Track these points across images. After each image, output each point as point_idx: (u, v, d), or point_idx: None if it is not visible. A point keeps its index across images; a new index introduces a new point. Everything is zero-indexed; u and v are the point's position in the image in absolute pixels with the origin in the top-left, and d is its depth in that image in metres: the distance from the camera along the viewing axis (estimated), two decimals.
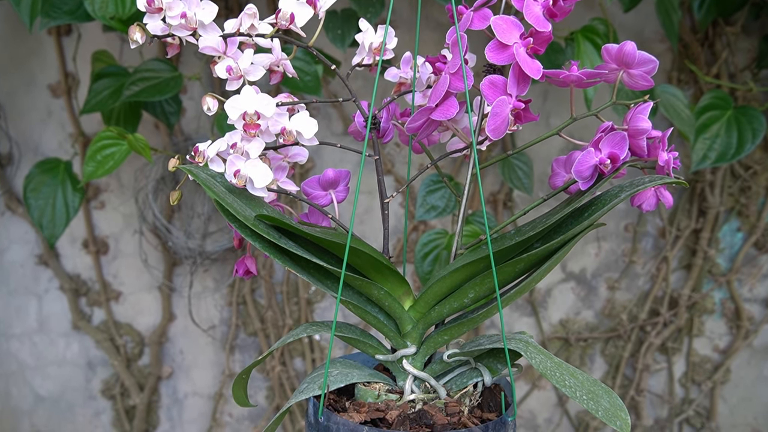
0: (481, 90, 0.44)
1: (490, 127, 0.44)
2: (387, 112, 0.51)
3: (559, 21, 0.47)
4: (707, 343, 1.40)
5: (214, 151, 0.45)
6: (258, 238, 0.43)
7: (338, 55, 1.24)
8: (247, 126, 0.44)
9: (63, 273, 1.41)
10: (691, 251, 1.36)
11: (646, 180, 0.42)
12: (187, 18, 0.43)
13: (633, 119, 0.45)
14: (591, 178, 0.45)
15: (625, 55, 0.45)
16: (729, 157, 1.01)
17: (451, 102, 0.46)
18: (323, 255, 0.47)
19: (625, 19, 1.25)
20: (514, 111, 0.44)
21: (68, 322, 1.43)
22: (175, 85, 0.94)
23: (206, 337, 1.44)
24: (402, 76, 0.54)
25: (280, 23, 0.44)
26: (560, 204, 0.48)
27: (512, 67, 0.44)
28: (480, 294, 0.45)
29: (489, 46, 0.45)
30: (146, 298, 1.43)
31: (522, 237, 0.46)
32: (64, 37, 1.33)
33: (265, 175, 0.45)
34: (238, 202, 0.44)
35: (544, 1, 0.46)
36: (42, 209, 1.06)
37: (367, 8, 1.09)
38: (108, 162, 0.81)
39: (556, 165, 0.52)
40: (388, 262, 0.46)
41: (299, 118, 0.46)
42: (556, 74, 0.45)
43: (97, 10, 0.76)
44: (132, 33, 0.42)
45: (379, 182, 0.49)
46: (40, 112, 1.37)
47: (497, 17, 0.45)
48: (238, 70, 0.45)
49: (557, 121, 1.31)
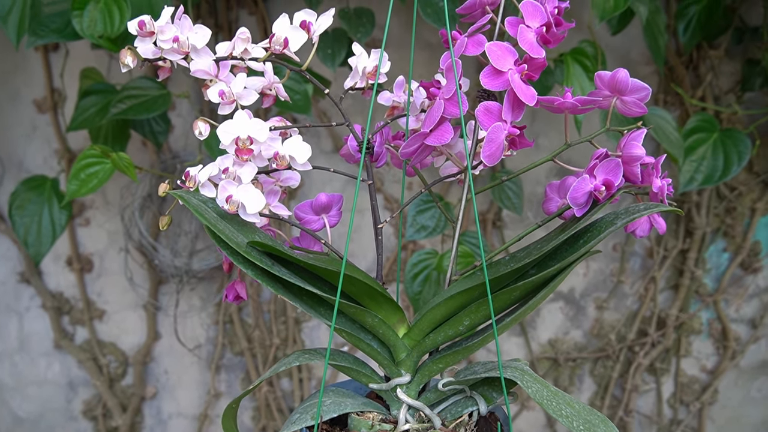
0: (476, 116, 0.44)
1: (485, 153, 0.44)
2: (380, 137, 0.51)
3: (552, 47, 0.47)
4: (695, 363, 1.41)
5: (205, 175, 0.45)
6: (250, 265, 0.42)
7: (328, 75, 1.24)
8: (240, 151, 0.43)
9: (45, 291, 1.38)
10: (678, 271, 1.37)
11: (641, 207, 0.42)
12: (180, 42, 0.42)
13: (627, 146, 0.45)
14: (586, 205, 0.45)
15: (618, 82, 0.45)
16: (715, 179, 1.02)
17: (445, 127, 0.46)
18: (316, 282, 0.46)
19: (613, 41, 1.26)
20: (509, 137, 0.44)
21: (50, 341, 1.40)
22: (163, 103, 0.94)
23: (192, 357, 1.42)
24: (395, 99, 0.53)
25: (274, 47, 0.44)
26: (555, 230, 0.48)
27: (507, 93, 0.44)
28: (475, 321, 0.45)
29: (484, 72, 0.45)
30: (131, 316, 1.41)
31: (517, 264, 0.45)
32: (51, 53, 1.32)
33: (257, 200, 0.44)
34: (229, 228, 0.43)
35: (538, 28, 0.46)
36: (27, 227, 1.05)
37: (358, 28, 1.09)
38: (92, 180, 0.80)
39: (549, 190, 0.52)
40: (383, 289, 0.45)
41: (292, 143, 0.46)
42: (550, 101, 0.45)
43: (86, 28, 0.75)
44: (123, 57, 0.41)
45: (373, 207, 0.49)
46: (24, 127, 1.35)
47: (492, 43, 0.45)
48: (230, 94, 0.44)
49: (546, 141, 1.32)
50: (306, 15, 0.47)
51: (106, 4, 0.77)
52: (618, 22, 1.05)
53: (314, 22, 0.47)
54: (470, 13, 0.50)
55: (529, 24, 0.46)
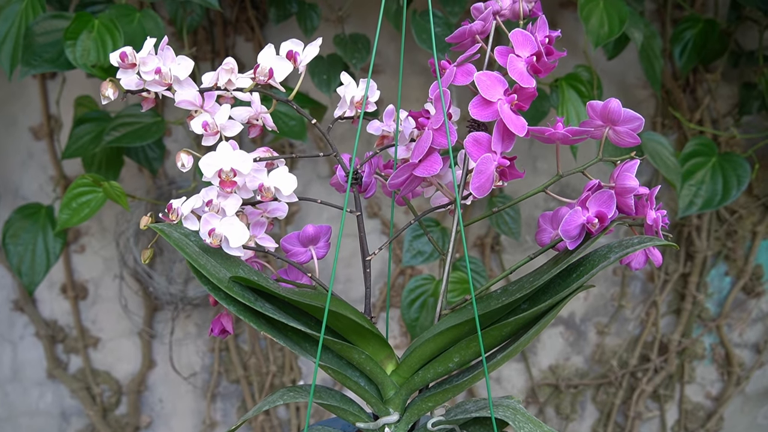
0: (465, 147, 0.43)
1: (474, 185, 0.43)
2: (369, 167, 0.50)
3: (543, 77, 0.47)
4: (699, 389, 1.38)
5: (188, 208, 0.44)
6: (232, 301, 0.41)
7: (324, 99, 1.24)
8: (224, 183, 0.42)
9: (39, 319, 1.37)
10: (680, 296, 1.35)
11: (635, 241, 0.41)
12: (162, 74, 0.41)
13: (620, 177, 0.44)
14: (578, 237, 0.44)
15: (610, 112, 0.44)
16: (715, 204, 1.01)
17: (434, 158, 0.45)
18: (301, 317, 0.45)
19: (609, 66, 1.26)
20: (499, 168, 0.43)
21: (43, 370, 1.38)
22: (158, 130, 0.93)
23: (187, 385, 1.40)
24: (385, 129, 0.52)
25: (259, 78, 0.43)
26: (547, 262, 0.47)
27: (496, 124, 0.43)
28: (465, 358, 0.43)
29: (473, 102, 0.44)
30: (125, 344, 1.39)
31: (509, 298, 0.44)
32: (48, 80, 1.32)
33: (241, 234, 0.43)
34: (212, 263, 0.42)
35: (528, 57, 0.46)
36: (21, 256, 1.03)
37: (353, 54, 1.09)
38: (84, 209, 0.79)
39: (542, 221, 0.50)
40: (371, 324, 0.44)
41: (278, 174, 0.45)
42: (541, 131, 0.44)
43: (79, 58, 0.75)
44: (104, 89, 0.41)
45: (361, 239, 0.48)
46: (20, 154, 1.35)
47: (481, 73, 0.44)
48: (214, 125, 0.43)
49: (544, 165, 1.31)
50: (292, 45, 0.46)
51: (99, 33, 0.77)
52: (614, 46, 1.05)
53: (301, 52, 0.46)
54: (460, 41, 0.49)
55: (519, 53, 0.46)
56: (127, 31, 0.78)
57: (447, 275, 0.46)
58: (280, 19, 1.10)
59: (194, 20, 1.06)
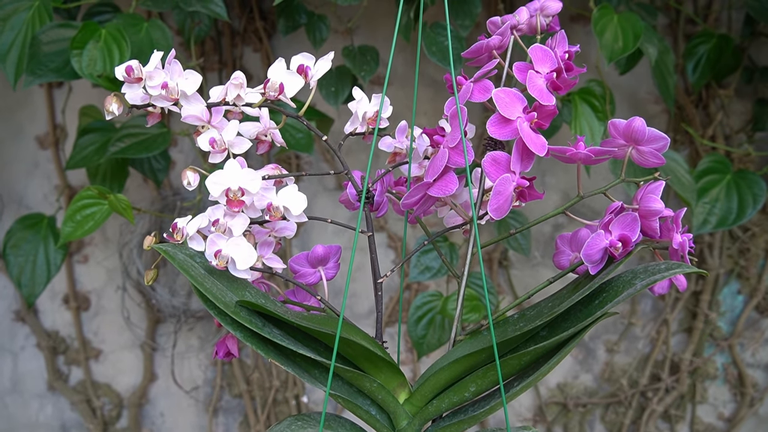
0: (483, 167, 0.41)
1: (492, 206, 0.41)
2: (381, 185, 0.48)
3: (563, 94, 0.45)
4: (711, 410, 1.35)
5: (194, 228, 0.42)
6: (239, 327, 0.39)
7: (331, 112, 1.23)
8: (231, 203, 0.40)
9: (41, 330, 1.35)
10: (691, 314, 1.33)
11: (662, 267, 0.39)
12: (169, 88, 0.40)
13: (644, 199, 0.42)
14: (601, 262, 0.42)
15: (634, 131, 0.42)
16: (730, 222, 0.99)
17: (449, 178, 0.43)
18: (310, 342, 0.43)
19: (620, 80, 1.25)
20: (518, 189, 0.42)
21: (44, 382, 1.37)
22: (163, 141, 0.92)
23: (189, 399, 1.37)
24: (397, 146, 0.51)
25: (269, 94, 0.42)
26: (567, 287, 0.45)
27: (516, 142, 0.42)
28: (482, 388, 0.41)
29: (491, 120, 0.42)
30: (127, 356, 1.37)
31: (527, 324, 0.42)
32: (55, 89, 1.31)
33: (248, 255, 0.41)
34: (218, 286, 0.40)
35: (548, 73, 0.44)
36: (22, 267, 1.02)
37: (362, 66, 1.08)
38: (88, 222, 0.77)
39: (560, 242, 0.48)
40: (383, 351, 0.42)
41: (287, 193, 0.43)
42: (562, 151, 0.42)
43: (85, 68, 0.74)
44: (108, 104, 0.39)
45: (372, 261, 0.46)
46: (26, 163, 1.34)
47: (499, 90, 0.42)
48: (222, 142, 0.42)
49: (553, 180, 1.29)
50: (304, 59, 0.45)
51: (106, 43, 0.76)
52: (626, 61, 1.03)
53: (312, 66, 0.45)
54: (476, 56, 0.48)
55: (539, 69, 0.44)
56: (135, 41, 0.77)
57: (461, 299, 0.44)
58: (289, 30, 1.09)
59: (202, 30, 1.05)
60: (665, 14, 1.26)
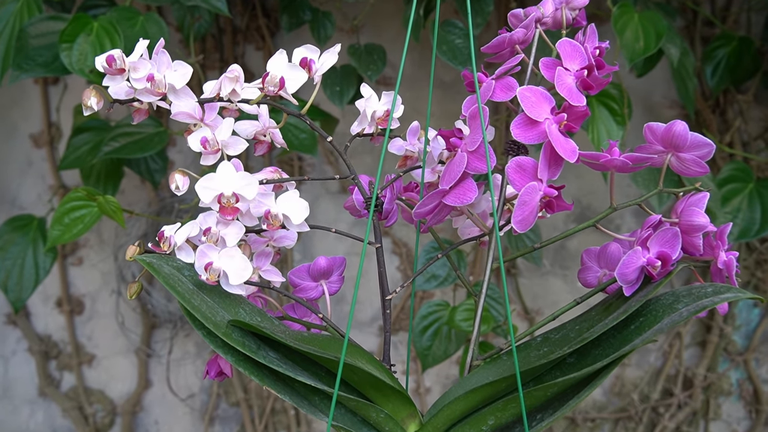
0: (507, 174, 0.37)
1: (517, 217, 0.36)
2: (390, 191, 0.44)
3: (594, 94, 0.40)
4: (725, 427, 1.30)
5: (183, 236, 0.37)
6: (230, 350, 0.35)
7: (336, 112, 1.18)
8: (224, 210, 0.36)
9: (33, 333, 1.31)
10: (705, 327, 1.28)
11: (709, 291, 0.34)
12: (155, 81, 0.35)
13: (686, 213, 0.38)
14: (636, 282, 0.37)
15: (674, 136, 0.38)
16: (753, 234, 0.94)
17: (468, 185, 0.39)
18: (310, 365, 0.39)
19: (636, 84, 1.20)
20: (545, 198, 0.37)
21: (35, 387, 1.32)
22: (160, 141, 0.88)
23: (184, 407, 1.33)
24: (408, 148, 0.46)
25: (268, 89, 0.37)
26: (596, 307, 0.41)
27: (543, 147, 0.37)
28: (502, 421, 0.37)
29: (516, 122, 0.38)
30: (121, 362, 1.33)
31: (553, 350, 0.38)
32: (50, 86, 1.28)
33: (242, 269, 0.37)
34: (208, 303, 0.36)
35: (578, 71, 0.40)
36: (9, 270, 0.98)
37: (368, 66, 1.03)
38: (76, 225, 0.73)
39: (587, 257, 0.44)
40: (392, 377, 0.38)
41: (287, 200, 0.39)
42: (594, 157, 0.38)
43: (75, 63, 0.70)
44: (86, 98, 0.35)
45: (381, 275, 0.42)
46: (20, 162, 1.30)
47: (525, 88, 0.38)
48: (215, 142, 0.37)
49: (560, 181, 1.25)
50: (307, 52, 0.41)
51: (98, 36, 0.71)
52: (644, 64, 0.99)
53: (317, 60, 0.41)
54: (498, 52, 0.43)
55: (568, 66, 0.40)
56: (129, 35, 0.73)
57: (479, 319, 0.40)
58: (293, 26, 1.04)
59: (202, 27, 1.01)
60: (682, 16, 1.21)
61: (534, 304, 1.29)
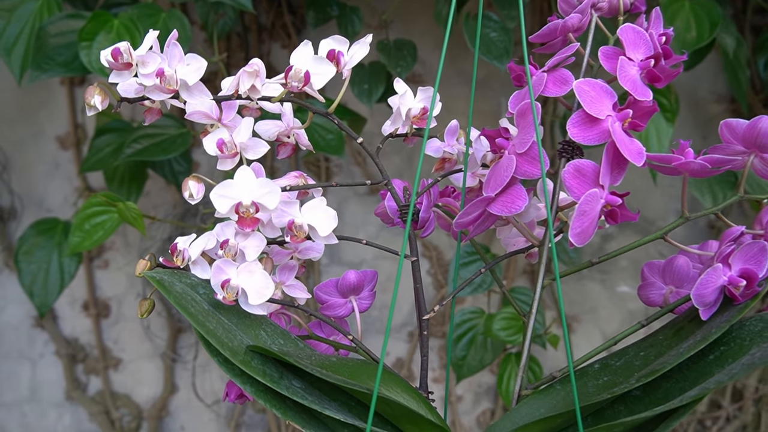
0: (564, 180, 0.32)
1: (575, 230, 0.32)
2: (427, 199, 0.39)
3: (661, 87, 0.35)
4: None
5: (197, 250, 0.34)
6: (249, 379, 0.31)
7: (364, 111, 1.14)
8: (243, 221, 0.32)
9: (60, 337, 1.30)
10: None
11: None
12: (165, 77, 0.32)
13: None
14: (715, 304, 0.32)
15: (760, 134, 0.33)
16: None
17: (516, 191, 0.34)
18: (339, 395, 0.35)
19: (679, 78, 1.14)
20: (607, 208, 0.32)
21: (62, 391, 1.31)
22: (183, 142, 0.85)
23: (210, 413, 1.31)
24: (446, 150, 0.42)
25: (291, 84, 0.33)
26: (663, 331, 0.36)
27: (606, 148, 0.32)
28: None
29: (573, 120, 0.33)
30: (147, 367, 1.31)
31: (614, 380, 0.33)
32: (76, 87, 1.26)
33: (263, 286, 0.33)
34: (225, 325, 0.32)
35: (643, 60, 0.35)
36: (34, 275, 0.96)
37: (398, 62, 0.99)
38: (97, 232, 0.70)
39: (648, 272, 0.39)
40: (430, 408, 0.33)
41: (313, 209, 0.34)
42: (665, 160, 0.33)
43: (94, 62, 0.67)
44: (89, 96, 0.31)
45: (417, 291, 0.37)
46: (47, 164, 1.29)
47: (583, 81, 0.33)
48: (233, 145, 0.34)
49: None
50: (335, 43, 0.36)
51: (118, 34, 0.69)
52: (692, 56, 0.92)
53: (345, 52, 0.36)
54: (548, 41, 0.38)
55: (631, 56, 0.35)
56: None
57: (528, 344, 0.35)
58: (319, 22, 1.01)
59: (227, 24, 0.98)
60: (730, 4, 1.14)
61: (570, 310, 1.23)
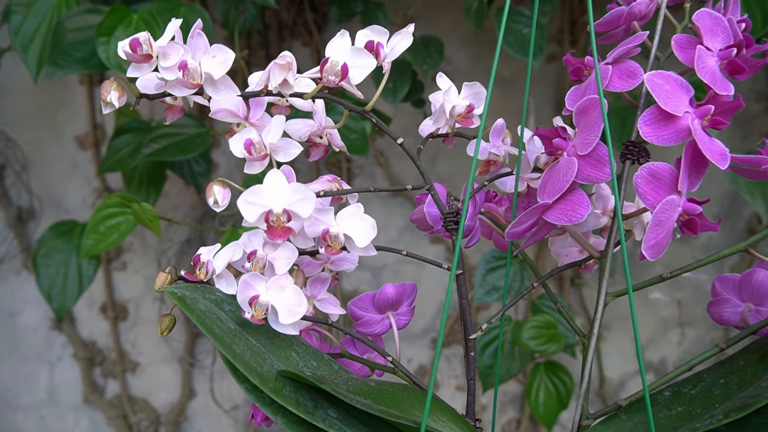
0: (636, 186, 0.28)
1: (649, 242, 0.28)
2: (473, 205, 0.36)
3: (743, 79, 0.31)
4: None
5: (223, 262, 0.30)
6: (281, 410, 0.27)
7: (388, 110, 1.11)
8: (273, 232, 0.29)
9: (78, 339, 1.29)
10: None
11: None
12: (189, 70, 0.28)
13: None
14: None
15: None
16: None
17: (578, 198, 0.30)
18: (379, 424, 0.31)
19: None
20: (685, 217, 0.28)
21: (79, 394, 1.30)
22: (202, 142, 0.82)
23: (228, 419, 1.28)
24: (492, 151, 0.38)
25: (328, 79, 0.30)
26: (744, 354, 0.32)
27: (685, 150, 0.29)
28: None
29: (645, 117, 0.29)
30: (165, 371, 1.29)
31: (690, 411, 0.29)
32: (96, 86, 1.25)
33: (295, 303, 0.29)
34: (253, 348, 0.29)
35: (723, 50, 0.31)
36: (52, 279, 0.94)
37: (424, 59, 0.96)
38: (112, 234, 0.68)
39: (721, 286, 0.35)
40: None
41: (350, 218, 0.31)
42: (753, 163, 0.29)
43: (112, 58, 0.64)
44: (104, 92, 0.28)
45: (463, 309, 0.34)
46: (65, 165, 1.27)
47: (656, 74, 0.29)
48: (262, 146, 0.30)
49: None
50: (374, 34, 0.33)
51: (137, 29, 0.66)
52: None
53: (385, 43, 0.33)
54: (611, 30, 0.35)
55: (709, 45, 0.31)
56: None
57: (588, 371, 0.32)
58: (343, 19, 0.97)
59: (247, 21, 0.95)
60: None
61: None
